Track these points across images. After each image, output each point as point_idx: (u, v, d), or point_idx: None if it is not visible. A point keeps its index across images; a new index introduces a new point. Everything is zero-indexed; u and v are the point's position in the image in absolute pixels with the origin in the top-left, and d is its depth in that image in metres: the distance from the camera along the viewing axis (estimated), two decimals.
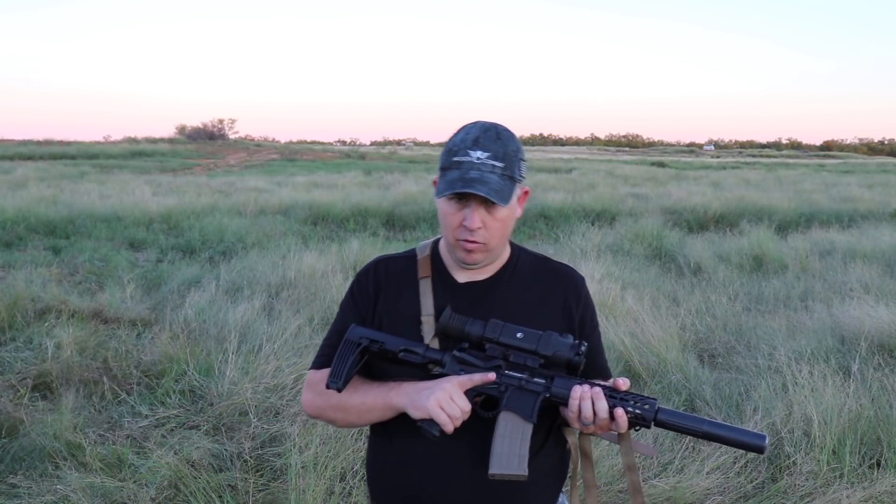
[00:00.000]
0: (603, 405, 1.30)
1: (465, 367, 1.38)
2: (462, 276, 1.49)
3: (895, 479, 3.13)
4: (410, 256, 1.55)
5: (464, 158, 1.36)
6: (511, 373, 1.37)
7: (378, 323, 1.48)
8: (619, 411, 1.29)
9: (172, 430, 3.59)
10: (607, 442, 3.31)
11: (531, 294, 1.49)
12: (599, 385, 1.34)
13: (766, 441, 1.27)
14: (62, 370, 4.23)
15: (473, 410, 1.35)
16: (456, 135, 1.40)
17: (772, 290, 6.58)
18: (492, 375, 1.35)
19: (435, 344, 1.41)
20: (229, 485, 3.06)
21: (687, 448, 3.42)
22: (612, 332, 4.62)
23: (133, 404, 3.88)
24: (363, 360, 1.42)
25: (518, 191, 1.42)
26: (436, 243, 1.54)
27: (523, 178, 1.42)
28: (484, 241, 1.40)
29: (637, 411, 1.30)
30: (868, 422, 3.48)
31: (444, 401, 1.31)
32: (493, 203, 1.36)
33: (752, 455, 3.36)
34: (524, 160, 1.42)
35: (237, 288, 6.29)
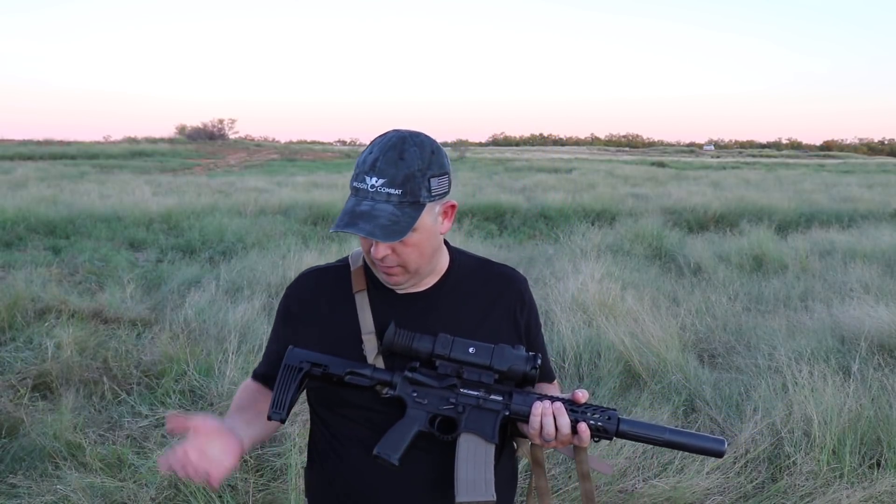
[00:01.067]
0: (565, 421, 1.26)
1: (418, 388, 1.31)
2: (401, 287, 1.39)
3: (895, 479, 3.13)
4: (343, 266, 1.46)
5: (360, 185, 1.26)
6: (467, 391, 1.31)
7: (312, 342, 1.37)
8: (583, 426, 1.26)
9: None
10: (606, 444, 3.31)
11: (475, 301, 1.42)
12: (560, 399, 1.29)
13: (725, 445, 1.28)
14: (62, 370, 4.23)
15: (432, 434, 1.30)
16: (364, 151, 1.30)
17: (772, 290, 6.58)
18: (203, 423, 1.23)
19: (380, 363, 1.34)
20: (229, 485, 3.06)
21: None
22: (612, 332, 4.62)
23: (133, 404, 3.88)
24: (304, 384, 1.34)
25: (436, 208, 1.30)
26: None
27: (441, 192, 1.29)
28: (400, 265, 1.31)
29: (599, 424, 1.28)
30: (868, 422, 3.48)
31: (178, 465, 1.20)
32: None
33: (752, 455, 3.36)
34: (442, 175, 1.29)
35: (237, 288, 6.29)
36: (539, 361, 1.31)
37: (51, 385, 4.13)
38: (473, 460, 1.28)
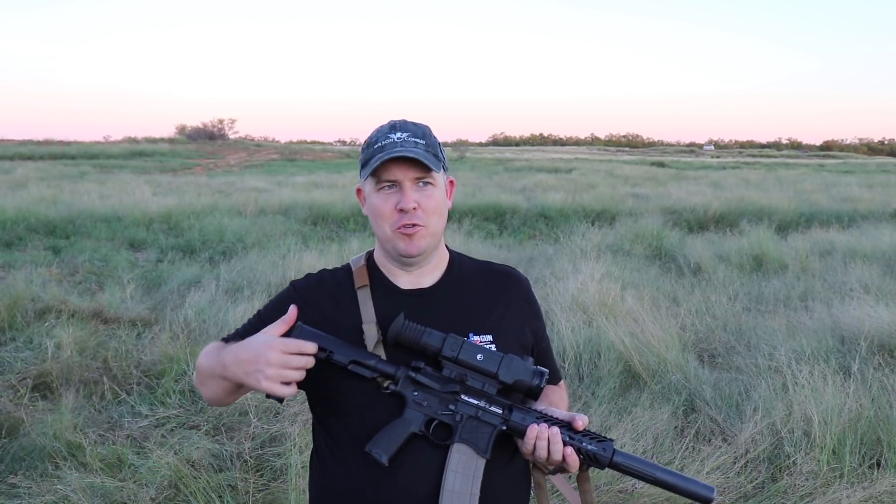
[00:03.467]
0: (558, 448, 1.26)
1: (421, 390, 1.30)
2: (405, 283, 1.42)
3: (895, 479, 3.13)
4: (345, 267, 1.48)
5: (385, 142, 1.33)
6: (468, 399, 1.30)
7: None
8: (569, 450, 1.26)
9: (172, 430, 3.59)
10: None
11: (479, 297, 1.44)
12: (557, 424, 1.29)
13: (714, 493, 1.28)
14: (62, 370, 4.24)
15: (426, 437, 1.29)
16: (372, 133, 1.39)
17: (772, 290, 6.59)
18: (293, 315, 1.28)
19: (381, 353, 1.33)
20: (229, 485, 3.06)
21: (687, 448, 3.42)
22: (612, 332, 4.62)
23: (133, 404, 3.88)
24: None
25: (444, 178, 1.40)
26: (370, 254, 1.48)
27: (446, 165, 1.40)
28: (423, 224, 1.35)
29: (591, 452, 1.28)
30: (868, 422, 3.48)
31: (274, 376, 1.22)
32: (425, 182, 1.34)
33: (752, 455, 3.36)
34: (443, 150, 1.41)
35: (237, 288, 6.29)
36: (546, 375, 1.31)
37: (51, 385, 4.14)
38: (462, 472, 1.27)
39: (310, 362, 1.25)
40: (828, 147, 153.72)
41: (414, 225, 1.34)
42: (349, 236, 10.11)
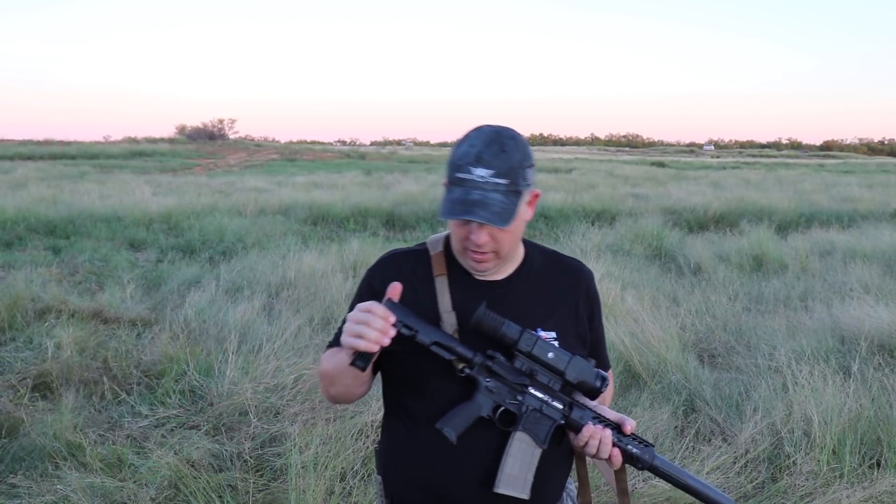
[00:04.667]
0: (607, 448, 1.38)
1: (493, 378, 1.38)
2: (484, 274, 1.48)
3: (895, 479, 3.13)
4: (422, 251, 1.52)
5: (466, 176, 1.33)
6: (534, 392, 1.39)
7: None
8: (616, 451, 1.39)
9: (172, 430, 3.59)
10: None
11: (546, 291, 1.50)
12: (609, 425, 1.40)
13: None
14: (62, 370, 4.23)
15: (491, 421, 1.38)
16: (460, 145, 1.37)
17: (772, 290, 6.58)
18: (397, 291, 1.35)
19: None
20: (229, 485, 3.06)
21: (687, 448, 3.42)
22: (613, 332, 4.62)
23: (133, 404, 3.88)
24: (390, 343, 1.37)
25: (526, 197, 1.40)
26: (447, 238, 1.51)
27: (531, 182, 1.40)
28: (494, 251, 1.39)
29: (637, 454, 1.41)
30: (868, 422, 3.48)
31: (350, 329, 1.30)
32: None
33: (752, 455, 3.36)
34: (532, 165, 1.39)
35: (237, 288, 6.29)
36: (606, 382, 1.40)
37: (51, 385, 4.13)
38: (521, 458, 1.38)
39: (388, 329, 1.30)
40: (828, 147, 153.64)
41: (483, 253, 1.40)
42: (349, 236, 10.11)
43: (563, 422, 1.40)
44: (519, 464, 1.37)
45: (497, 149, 1.33)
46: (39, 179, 18.53)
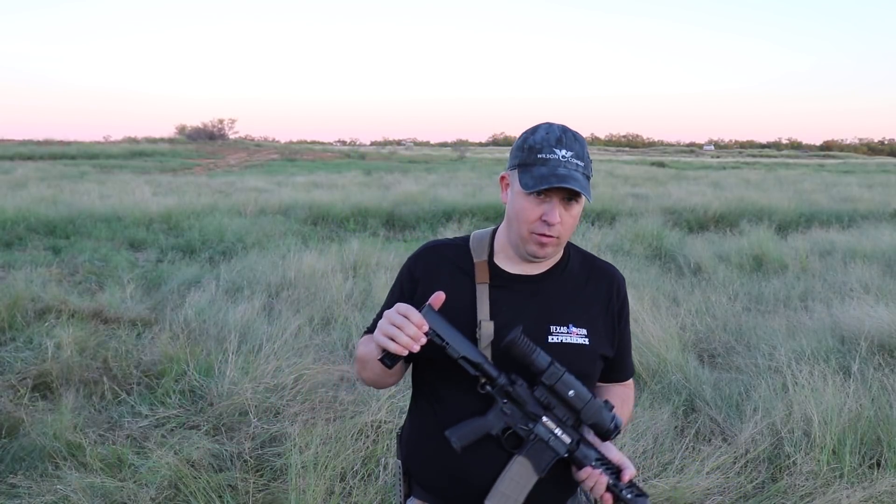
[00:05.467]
0: (600, 491, 1.42)
1: (510, 401, 1.41)
2: (515, 269, 1.51)
3: (895, 479, 3.13)
4: (464, 247, 1.55)
5: (550, 156, 1.39)
6: (547, 423, 1.41)
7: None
8: (608, 497, 1.42)
9: (172, 430, 3.59)
10: None
11: (579, 292, 1.53)
12: (610, 469, 1.43)
13: None
14: (62, 370, 4.23)
15: (495, 441, 1.42)
16: (534, 133, 1.43)
17: (772, 290, 6.58)
18: (442, 296, 1.37)
19: (487, 351, 1.43)
20: (229, 485, 3.06)
21: (687, 448, 3.42)
22: None
23: (133, 404, 3.88)
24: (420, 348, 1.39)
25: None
26: (492, 241, 1.54)
27: (591, 179, 1.48)
28: (558, 235, 1.43)
29: (628, 500, 1.42)
30: (868, 422, 3.48)
31: (382, 328, 1.33)
32: (572, 199, 1.42)
33: (752, 455, 3.36)
34: (591, 162, 1.49)
35: (237, 288, 6.29)
36: (620, 428, 1.42)
37: (51, 385, 4.13)
38: (517, 482, 1.41)
39: (420, 338, 1.33)
40: (828, 147, 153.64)
41: (550, 236, 1.43)
42: (349, 236, 10.11)
43: (566, 455, 1.42)
44: (513, 486, 1.41)
45: (572, 136, 1.43)
46: (39, 179, 18.54)
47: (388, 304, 1.54)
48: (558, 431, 1.41)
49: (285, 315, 5.27)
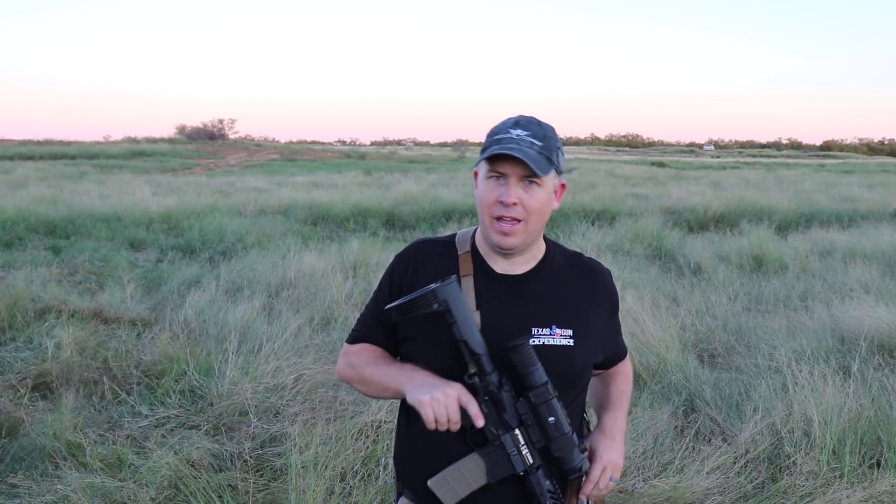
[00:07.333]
0: None
1: (491, 402, 1.38)
2: (500, 267, 1.49)
3: (895, 479, 3.13)
4: (450, 243, 1.55)
5: (504, 136, 1.40)
6: (516, 436, 1.38)
7: None
8: None
9: (172, 430, 3.59)
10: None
11: (566, 289, 1.51)
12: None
13: None
14: (62, 370, 4.23)
15: (464, 432, 1.38)
16: (495, 126, 1.45)
17: (772, 290, 6.58)
18: (481, 422, 1.36)
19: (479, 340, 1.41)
20: (229, 485, 3.06)
21: (687, 448, 3.42)
22: None
23: (133, 404, 3.88)
24: (423, 316, 1.40)
25: (555, 180, 1.45)
26: (475, 236, 1.55)
27: (561, 168, 1.45)
28: (521, 219, 1.40)
29: None
30: (868, 422, 3.48)
31: (437, 402, 1.34)
32: (531, 181, 1.39)
33: (752, 455, 3.36)
34: (562, 152, 1.45)
35: (237, 288, 6.29)
36: (585, 470, 1.43)
37: (51, 385, 4.13)
38: (464, 476, 1.39)
39: (458, 417, 1.36)
40: (828, 147, 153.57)
41: (512, 219, 1.40)
42: (349, 236, 10.10)
43: (521, 474, 1.39)
44: (459, 479, 1.39)
45: (533, 120, 1.44)
46: (39, 179, 18.53)
47: (375, 304, 1.55)
48: (525, 450, 1.38)
49: (285, 315, 5.27)
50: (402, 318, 1.41)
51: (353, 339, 1.59)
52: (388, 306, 1.42)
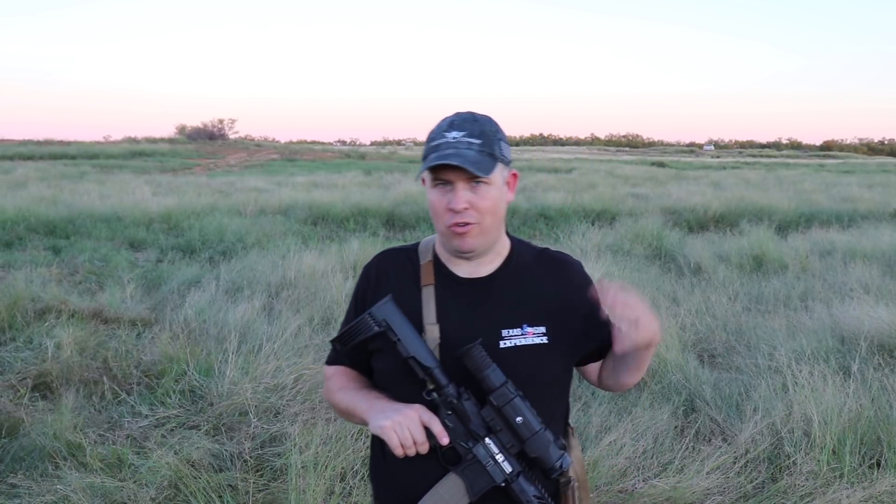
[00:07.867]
0: None
1: (455, 414, 1.33)
2: (464, 272, 1.45)
3: (895, 479, 3.13)
4: (413, 251, 1.52)
5: (440, 141, 1.35)
6: (490, 445, 1.33)
7: None
8: None
9: (172, 430, 3.59)
10: (607, 444, 3.32)
11: (535, 286, 1.46)
12: None
13: None
14: (62, 370, 4.23)
15: (434, 451, 1.34)
16: (436, 126, 1.40)
17: (772, 290, 6.58)
18: (445, 440, 1.32)
19: (436, 353, 1.38)
20: (229, 485, 3.06)
21: (687, 448, 3.42)
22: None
23: (133, 404, 3.88)
24: (370, 342, 1.39)
25: (504, 172, 1.40)
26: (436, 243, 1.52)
27: (507, 158, 1.40)
28: (476, 222, 1.36)
29: None
30: (868, 422, 3.48)
31: (399, 426, 1.31)
32: (478, 181, 1.34)
33: (752, 455, 3.36)
34: (505, 142, 1.40)
35: (237, 288, 6.29)
36: (567, 466, 1.35)
37: (51, 385, 4.13)
38: (445, 500, 1.34)
39: (423, 438, 1.32)
40: (828, 147, 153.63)
41: (466, 224, 1.37)
42: (349, 236, 10.10)
43: (503, 485, 1.33)
44: (440, 502, 1.34)
45: (469, 118, 1.38)
46: (39, 179, 18.53)
47: (348, 320, 1.52)
48: (500, 457, 1.33)
49: (285, 315, 5.27)
50: (347, 348, 1.40)
51: (330, 359, 1.57)
52: (331, 339, 1.41)
